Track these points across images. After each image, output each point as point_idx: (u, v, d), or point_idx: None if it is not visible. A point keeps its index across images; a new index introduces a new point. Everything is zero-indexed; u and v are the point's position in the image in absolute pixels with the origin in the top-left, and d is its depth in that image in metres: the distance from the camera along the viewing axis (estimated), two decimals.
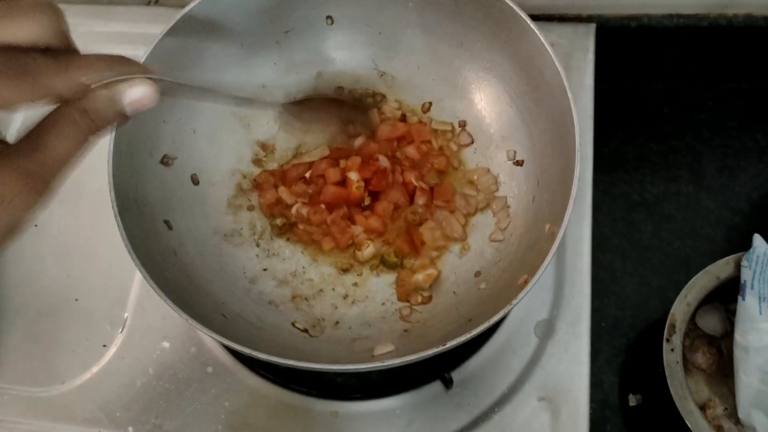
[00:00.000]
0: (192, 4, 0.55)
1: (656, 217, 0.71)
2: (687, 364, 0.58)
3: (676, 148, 0.74)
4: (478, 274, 0.57)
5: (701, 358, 0.60)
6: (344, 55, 0.64)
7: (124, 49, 0.68)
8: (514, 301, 0.46)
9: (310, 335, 0.55)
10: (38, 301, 0.61)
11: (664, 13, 0.72)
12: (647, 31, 0.72)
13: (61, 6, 0.76)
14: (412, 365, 0.46)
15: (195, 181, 0.59)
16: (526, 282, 0.47)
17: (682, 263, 0.68)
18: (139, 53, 0.53)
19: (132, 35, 0.69)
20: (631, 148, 0.74)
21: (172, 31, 0.54)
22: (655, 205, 0.71)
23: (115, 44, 0.69)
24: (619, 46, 0.72)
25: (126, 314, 0.60)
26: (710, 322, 0.61)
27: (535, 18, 0.55)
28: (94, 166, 0.65)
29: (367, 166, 0.59)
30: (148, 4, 0.74)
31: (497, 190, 0.60)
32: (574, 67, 0.67)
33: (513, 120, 0.60)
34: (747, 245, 0.59)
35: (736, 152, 0.74)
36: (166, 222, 0.55)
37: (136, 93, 0.35)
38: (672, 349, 0.56)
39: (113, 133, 0.51)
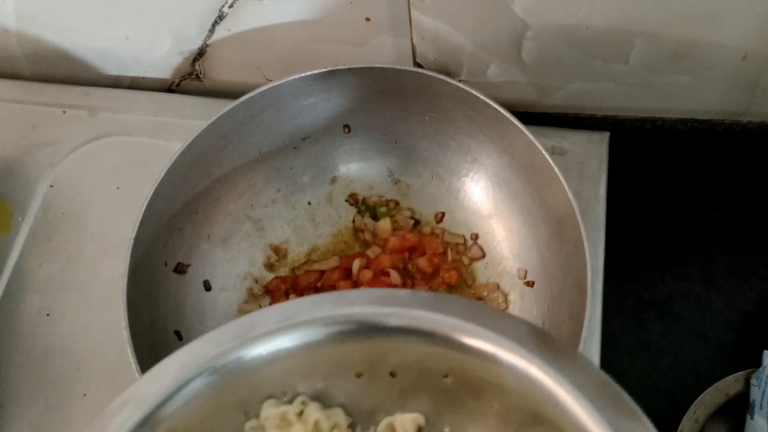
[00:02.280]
0: (219, 113, 0.56)
1: (666, 316, 0.69)
2: None
3: (687, 246, 0.73)
4: None
5: None
6: (359, 163, 0.65)
7: (148, 138, 0.70)
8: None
9: None
10: (47, 395, 0.61)
11: (678, 117, 0.72)
12: (661, 132, 0.73)
13: (83, 89, 0.77)
14: None
15: (207, 287, 0.60)
16: None
17: (691, 367, 0.66)
18: (161, 143, 0.54)
19: (154, 124, 0.71)
20: (641, 244, 0.73)
21: (199, 137, 0.56)
22: (665, 304, 0.70)
23: (141, 134, 0.71)
24: (633, 146, 0.73)
25: None
26: None
27: (550, 117, 0.55)
28: (107, 254, 0.66)
29: (379, 282, 0.59)
30: (169, 89, 0.76)
31: (507, 308, 0.60)
32: (587, 175, 0.67)
33: (525, 239, 0.60)
34: (755, 351, 0.58)
35: (747, 253, 0.73)
36: (177, 332, 0.56)
37: None
38: None
39: (131, 247, 0.52)
